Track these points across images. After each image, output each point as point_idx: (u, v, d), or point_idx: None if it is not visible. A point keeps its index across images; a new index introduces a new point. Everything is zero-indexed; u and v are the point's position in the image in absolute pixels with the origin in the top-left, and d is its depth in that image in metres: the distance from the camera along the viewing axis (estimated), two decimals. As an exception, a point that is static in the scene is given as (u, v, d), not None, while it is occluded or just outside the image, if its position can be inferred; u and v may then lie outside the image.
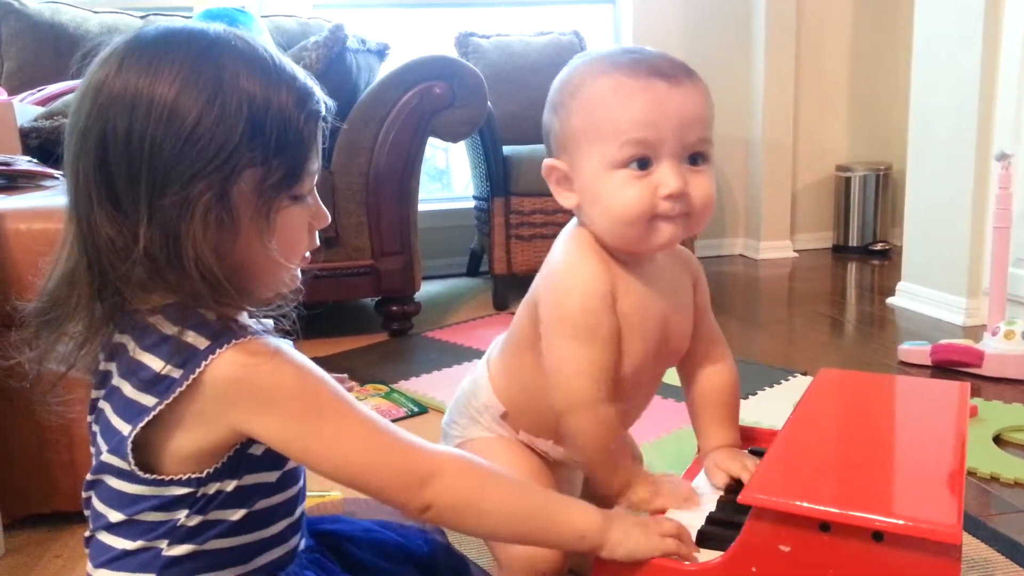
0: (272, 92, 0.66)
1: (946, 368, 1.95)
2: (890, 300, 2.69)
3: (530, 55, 3.22)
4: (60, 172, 1.45)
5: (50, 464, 1.25)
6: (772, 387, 1.90)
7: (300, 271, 0.74)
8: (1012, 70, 2.24)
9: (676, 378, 1.01)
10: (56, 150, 0.71)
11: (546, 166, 0.87)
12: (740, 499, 0.70)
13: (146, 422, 0.65)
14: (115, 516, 0.69)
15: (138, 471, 0.67)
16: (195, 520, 0.68)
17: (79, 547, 1.24)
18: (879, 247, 3.57)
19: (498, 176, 2.72)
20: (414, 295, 2.45)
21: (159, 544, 0.68)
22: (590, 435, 0.84)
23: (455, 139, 2.50)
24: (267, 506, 0.72)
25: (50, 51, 2.52)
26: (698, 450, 0.98)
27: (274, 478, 0.72)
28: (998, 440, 1.55)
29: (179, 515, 0.68)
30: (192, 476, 0.67)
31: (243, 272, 0.67)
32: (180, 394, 0.64)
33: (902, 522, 0.64)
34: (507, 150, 2.76)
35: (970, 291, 2.38)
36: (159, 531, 0.68)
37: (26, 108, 2.04)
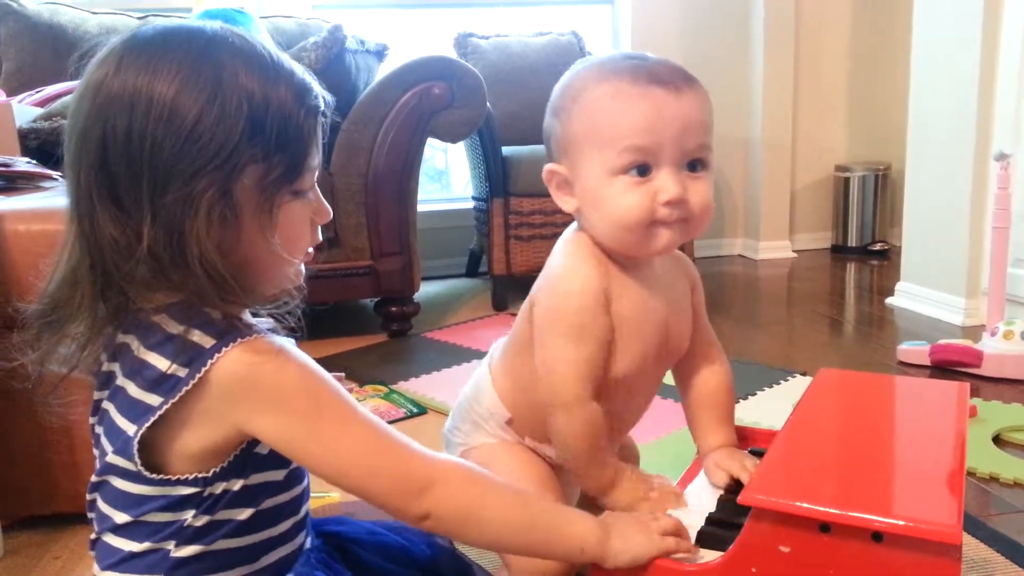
0: (271, 89, 0.66)
1: (945, 368, 1.95)
2: (889, 300, 2.69)
3: (529, 56, 3.22)
4: (59, 173, 1.46)
5: (51, 465, 1.25)
6: (771, 387, 1.89)
7: (303, 267, 0.74)
8: (1011, 70, 2.24)
9: (672, 379, 1.01)
10: (55, 151, 0.71)
11: (547, 171, 0.88)
12: (740, 500, 0.71)
13: (152, 422, 0.65)
14: (121, 517, 0.69)
15: (144, 471, 0.66)
16: (202, 520, 0.68)
17: (79, 548, 1.24)
18: (878, 247, 3.57)
19: (497, 177, 2.72)
20: (413, 296, 2.45)
21: (166, 545, 0.68)
22: (577, 433, 0.85)
23: (454, 140, 2.50)
24: (274, 505, 0.72)
25: (49, 52, 2.52)
26: (697, 451, 0.98)
27: (281, 476, 0.72)
28: (997, 440, 1.55)
29: (186, 515, 0.68)
30: (198, 476, 0.67)
31: (246, 269, 0.67)
32: (186, 393, 0.64)
33: (902, 522, 0.64)
34: (506, 151, 2.76)
35: (969, 291, 2.38)
36: (166, 532, 0.68)
37: (25, 109, 2.04)
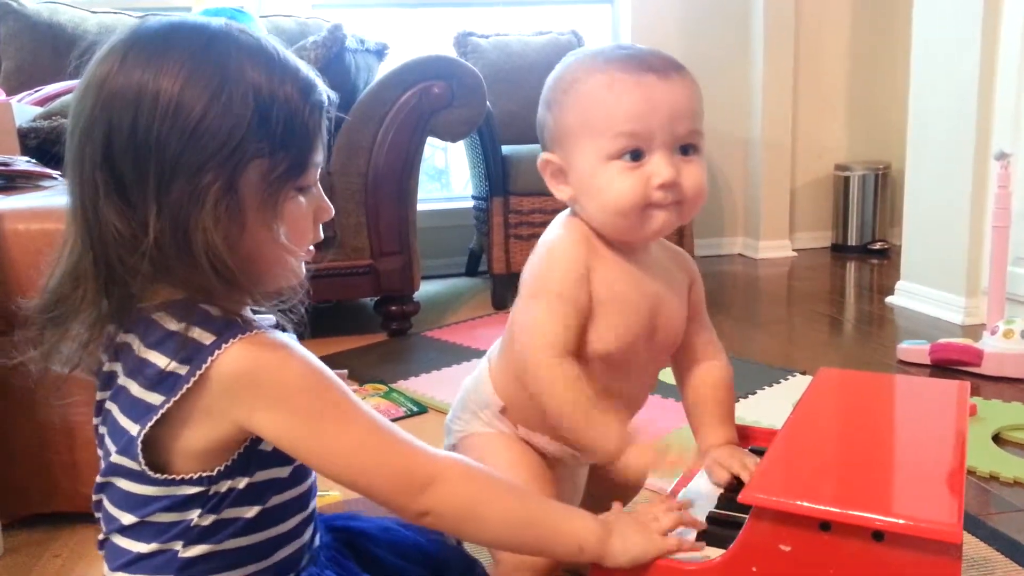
0: (277, 84, 0.66)
1: (945, 367, 1.95)
2: (889, 299, 2.69)
3: (529, 55, 3.22)
4: (59, 172, 1.46)
5: (51, 464, 1.25)
6: (771, 387, 1.89)
7: (304, 266, 0.74)
8: (1011, 70, 2.24)
9: (673, 378, 1.01)
10: (55, 150, 0.70)
11: (541, 160, 0.90)
12: (740, 498, 0.70)
13: (154, 421, 0.65)
14: (127, 518, 0.68)
15: (148, 471, 0.66)
16: (209, 519, 0.67)
17: (78, 547, 1.24)
18: (878, 246, 3.57)
19: (497, 176, 2.72)
20: (413, 295, 2.45)
21: (174, 546, 0.68)
22: (558, 390, 0.82)
23: (454, 139, 2.50)
24: (281, 502, 0.72)
25: (48, 51, 2.52)
26: (697, 449, 0.98)
27: (286, 473, 0.72)
28: (997, 439, 1.55)
29: (192, 515, 0.67)
30: (203, 475, 0.67)
31: (249, 264, 0.67)
32: (187, 391, 0.64)
33: (902, 521, 0.64)
34: (506, 150, 2.76)
35: (969, 290, 2.38)
36: (173, 532, 0.67)
37: (24, 108, 2.04)
